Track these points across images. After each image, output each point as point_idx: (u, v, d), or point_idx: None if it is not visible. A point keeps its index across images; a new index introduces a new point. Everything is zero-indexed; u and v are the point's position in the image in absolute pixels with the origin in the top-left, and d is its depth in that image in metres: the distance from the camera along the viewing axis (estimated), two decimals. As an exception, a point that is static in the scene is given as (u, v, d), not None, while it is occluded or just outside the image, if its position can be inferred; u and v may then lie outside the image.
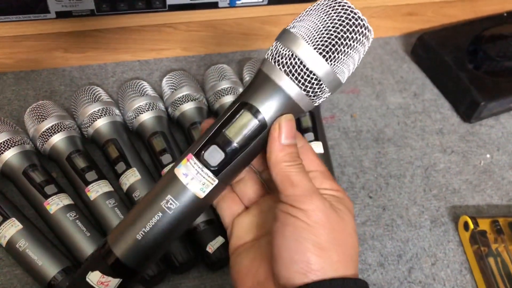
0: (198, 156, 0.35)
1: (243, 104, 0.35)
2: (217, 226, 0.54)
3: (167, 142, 0.59)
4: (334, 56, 0.33)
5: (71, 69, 0.71)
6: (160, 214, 0.35)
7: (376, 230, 0.60)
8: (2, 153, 0.54)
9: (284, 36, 0.34)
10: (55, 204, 0.52)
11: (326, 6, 0.33)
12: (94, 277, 0.36)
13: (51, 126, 0.56)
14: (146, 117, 0.60)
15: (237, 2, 0.67)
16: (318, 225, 0.33)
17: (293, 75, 0.33)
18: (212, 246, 0.52)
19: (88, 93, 0.60)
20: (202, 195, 0.35)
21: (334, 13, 0.33)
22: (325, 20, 0.33)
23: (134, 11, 0.65)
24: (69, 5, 0.62)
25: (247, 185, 0.41)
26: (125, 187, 0.56)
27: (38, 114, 0.57)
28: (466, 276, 0.57)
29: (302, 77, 0.33)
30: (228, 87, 0.64)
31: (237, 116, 0.35)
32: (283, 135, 0.34)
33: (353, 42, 0.33)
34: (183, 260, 0.51)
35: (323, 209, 0.33)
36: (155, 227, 0.35)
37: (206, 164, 0.34)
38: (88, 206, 0.54)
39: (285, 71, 0.33)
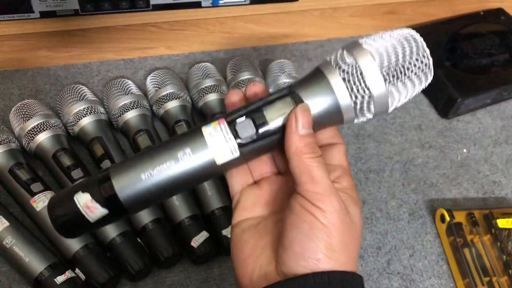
0: (230, 123, 0.34)
1: (291, 92, 0.35)
2: (201, 221, 0.55)
3: (152, 140, 0.60)
4: (394, 82, 0.34)
5: (56, 68, 0.71)
6: (172, 161, 0.34)
7: (356, 223, 0.62)
8: (-12, 152, 0.54)
9: (353, 46, 0.34)
10: (42, 201, 0.53)
11: (402, 37, 0.34)
12: (82, 198, 0.35)
13: (37, 125, 0.57)
14: (131, 115, 0.61)
15: (220, 1, 0.68)
16: (333, 227, 0.34)
17: (349, 82, 0.34)
18: (197, 241, 0.53)
19: (73, 92, 0.61)
20: (219, 161, 0.34)
21: (408, 46, 0.34)
22: (397, 49, 0.34)
23: (118, 11, 0.65)
24: (53, 5, 0.62)
25: (261, 160, 0.40)
26: (110, 184, 0.57)
27: (24, 113, 0.58)
28: (442, 267, 0.59)
29: (356, 89, 0.34)
30: (211, 85, 0.65)
31: (281, 101, 0.35)
32: (300, 125, 0.34)
33: (414, 76, 0.34)
34: (168, 255, 0.53)
35: (340, 212, 0.34)
36: (162, 172, 0.34)
37: (234, 134, 0.34)
38: (74, 203, 0.55)
39: (343, 78, 0.34)
